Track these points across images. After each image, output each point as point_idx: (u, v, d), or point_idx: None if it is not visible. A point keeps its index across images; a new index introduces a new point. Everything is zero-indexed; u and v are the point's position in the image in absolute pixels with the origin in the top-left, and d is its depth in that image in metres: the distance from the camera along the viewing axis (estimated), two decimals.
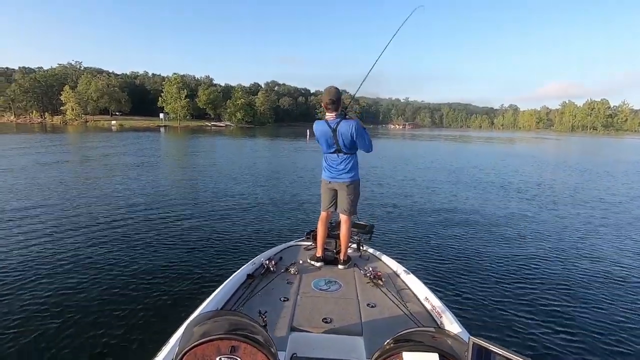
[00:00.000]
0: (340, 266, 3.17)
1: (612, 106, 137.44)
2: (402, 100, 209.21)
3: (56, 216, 7.03)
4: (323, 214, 3.32)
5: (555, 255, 5.90)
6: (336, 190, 3.24)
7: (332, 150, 3.11)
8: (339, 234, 3.34)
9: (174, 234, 6.18)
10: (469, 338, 1.33)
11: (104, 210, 7.60)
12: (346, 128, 2.96)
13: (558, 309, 4.08)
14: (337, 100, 2.97)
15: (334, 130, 3.00)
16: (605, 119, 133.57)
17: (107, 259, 4.96)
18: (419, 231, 7.02)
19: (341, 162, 3.12)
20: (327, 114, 3.05)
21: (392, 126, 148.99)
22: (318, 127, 3.09)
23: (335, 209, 3.30)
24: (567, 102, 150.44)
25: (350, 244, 3.57)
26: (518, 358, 1.17)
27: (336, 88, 3.01)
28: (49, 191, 9.44)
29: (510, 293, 4.46)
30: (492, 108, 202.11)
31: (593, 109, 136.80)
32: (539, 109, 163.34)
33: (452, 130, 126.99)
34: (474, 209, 9.07)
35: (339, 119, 3.00)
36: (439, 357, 1.38)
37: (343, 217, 3.24)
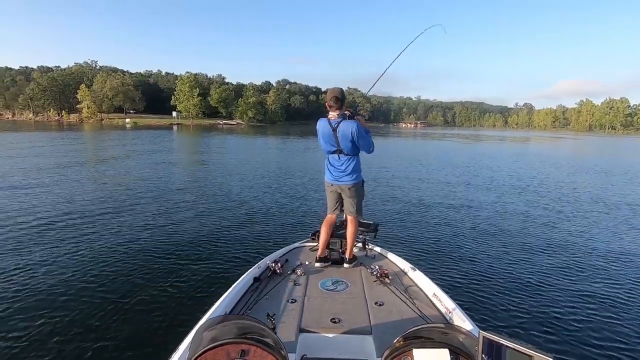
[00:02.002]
0: (346, 265, 3.15)
1: (632, 105, 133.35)
2: (414, 99, 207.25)
3: (64, 218, 7.07)
4: (328, 216, 3.30)
5: (566, 252, 5.88)
6: (340, 193, 3.20)
7: (333, 150, 3.06)
8: (344, 233, 3.32)
9: (179, 238, 6.15)
10: (479, 332, 1.31)
11: (109, 210, 7.67)
12: (346, 128, 2.91)
13: (568, 304, 4.08)
14: (342, 99, 2.96)
15: (334, 130, 2.95)
16: (624, 118, 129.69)
17: (113, 264, 4.94)
18: (424, 229, 7.01)
19: (342, 163, 3.06)
20: (330, 112, 3.01)
21: (404, 125, 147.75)
22: (320, 125, 3.06)
23: (341, 211, 3.27)
24: (584, 100, 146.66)
25: (355, 243, 3.56)
26: (529, 350, 1.16)
27: (341, 88, 2.99)
28: (59, 189, 9.66)
29: (519, 288, 4.45)
30: (506, 107, 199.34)
31: (612, 107, 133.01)
32: (554, 108, 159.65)
33: (465, 130, 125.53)
34: (481, 206, 8.99)
35: (340, 119, 2.95)
36: (450, 352, 1.37)
37: (349, 218, 3.23)
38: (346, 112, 3.00)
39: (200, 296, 4.11)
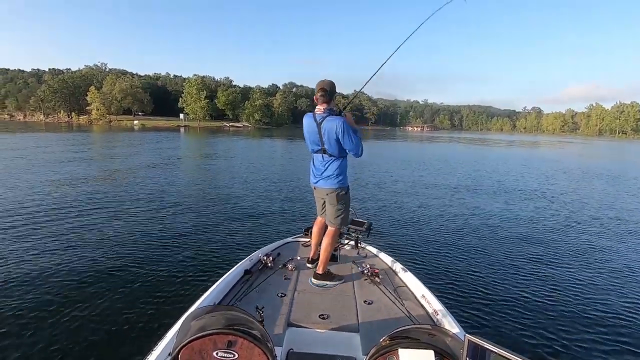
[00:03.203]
0: (314, 280, 2.78)
1: None
2: (420, 102, 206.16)
3: (64, 209, 7.21)
4: (319, 218, 3.13)
5: (553, 256, 5.83)
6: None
7: (317, 149, 2.76)
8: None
9: (173, 229, 6.25)
10: (465, 336, 1.33)
11: (103, 203, 7.83)
12: (331, 124, 2.61)
13: (556, 313, 4.02)
14: (330, 92, 2.67)
15: (319, 126, 2.67)
16: (635, 123, 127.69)
17: (105, 253, 4.99)
18: (418, 230, 6.99)
19: (326, 164, 2.75)
20: (317, 106, 2.73)
21: (410, 128, 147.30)
22: (305, 121, 2.78)
23: None
24: (594, 104, 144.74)
25: (348, 241, 3.53)
26: (513, 356, 1.16)
27: (331, 81, 2.73)
28: (63, 184, 9.77)
29: (507, 292, 4.42)
30: (514, 111, 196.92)
31: (622, 112, 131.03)
32: (563, 112, 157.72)
33: (472, 133, 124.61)
34: (478, 212, 8.88)
35: (326, 114, 2.65)
36: (435, 354, 1.38)
37: (328, 228, 2.89)
38: (334, 107, 2.74)
39: (190, 286, 4.14)
